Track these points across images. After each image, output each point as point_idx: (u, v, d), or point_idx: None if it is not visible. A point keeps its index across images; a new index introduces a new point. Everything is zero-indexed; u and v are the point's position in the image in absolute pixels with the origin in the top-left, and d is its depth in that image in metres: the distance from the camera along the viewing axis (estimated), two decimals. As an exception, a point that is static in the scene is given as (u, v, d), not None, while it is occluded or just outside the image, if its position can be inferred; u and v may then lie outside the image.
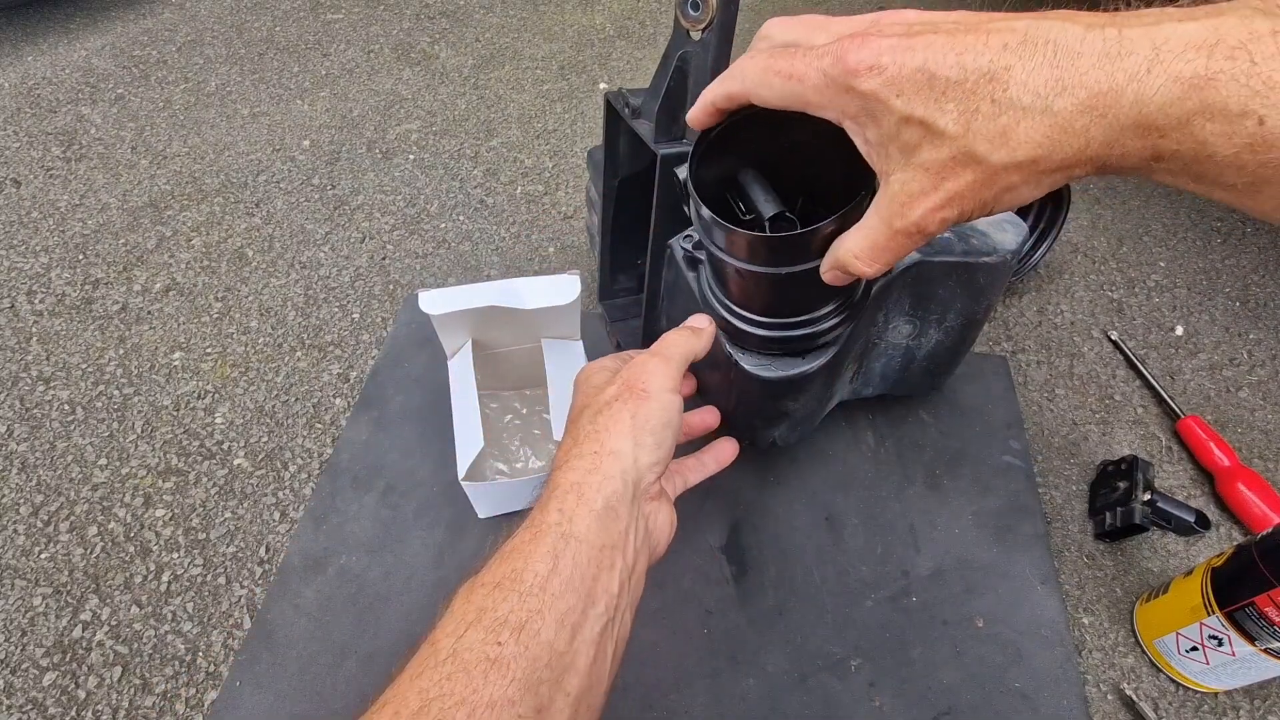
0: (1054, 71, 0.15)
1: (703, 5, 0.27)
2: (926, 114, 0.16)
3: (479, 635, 0.17)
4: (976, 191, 0.17)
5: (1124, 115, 0.14)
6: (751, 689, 0.33)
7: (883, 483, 0.41)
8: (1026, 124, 0.15)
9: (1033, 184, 0.16)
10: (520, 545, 0.19)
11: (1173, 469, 0.43)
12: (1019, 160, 0.16)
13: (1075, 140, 0.15)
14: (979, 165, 0.16)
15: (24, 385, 0.47)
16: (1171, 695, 0.34)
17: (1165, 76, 0.14)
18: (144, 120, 0.72)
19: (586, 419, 0.23)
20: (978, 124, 0.16)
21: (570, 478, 0.21)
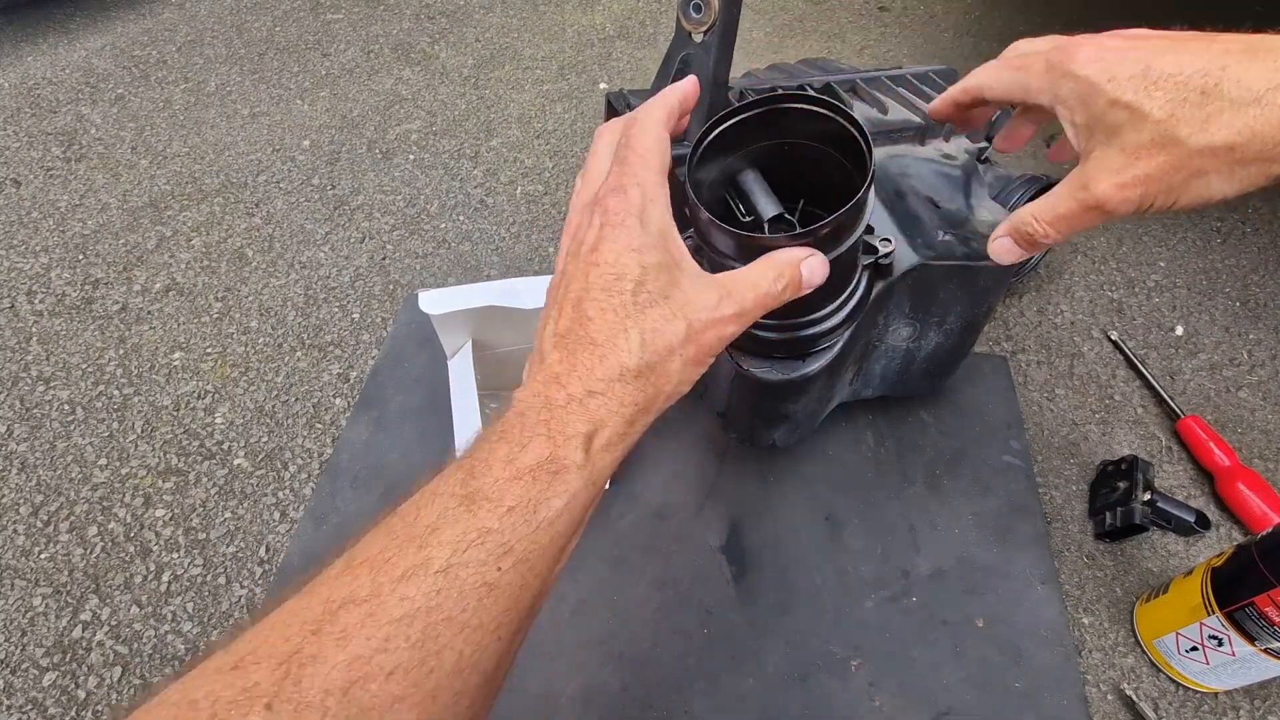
0: (1271, 75, 0.17)
1: (705, 8, 0.27)
2: (1135, 99, 0.18)
3: (479, 556, 0.15)
4: (1167, 174, 0.18)
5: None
6: (751, 689, 0.33)
7: (883, 483, 0.41)
8: (1230, 113, 0.17)
9: (1225, 174, 0.18)
10: (539, 471, 0.16)
11: (1173, 469, 0.43)
12: (1215, 144, 0.17)
13: (1277, 134, 0.17)
14: (1175, 148, 0.18)
15: (24, 385, 0.47)
16: (1171, 695, 0.34)
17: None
18: (144, 120, 0.72)
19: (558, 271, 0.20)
20: (1183, 111, 0.18)
21: (537, 379, 0.18)
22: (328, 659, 0.14)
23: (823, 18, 0.90)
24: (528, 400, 0.18)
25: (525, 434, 0.17)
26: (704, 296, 0.19)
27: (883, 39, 0.86)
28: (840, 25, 0.89)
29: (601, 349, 0.18)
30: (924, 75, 0.39)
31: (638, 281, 0.18)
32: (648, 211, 0.19)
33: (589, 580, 0.36)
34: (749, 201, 0.25)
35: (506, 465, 0.16)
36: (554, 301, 0.19)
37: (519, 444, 0.17)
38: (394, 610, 0.14)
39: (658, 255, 0.19)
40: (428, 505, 0.16)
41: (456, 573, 0.15)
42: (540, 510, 0.16)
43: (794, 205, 0.26)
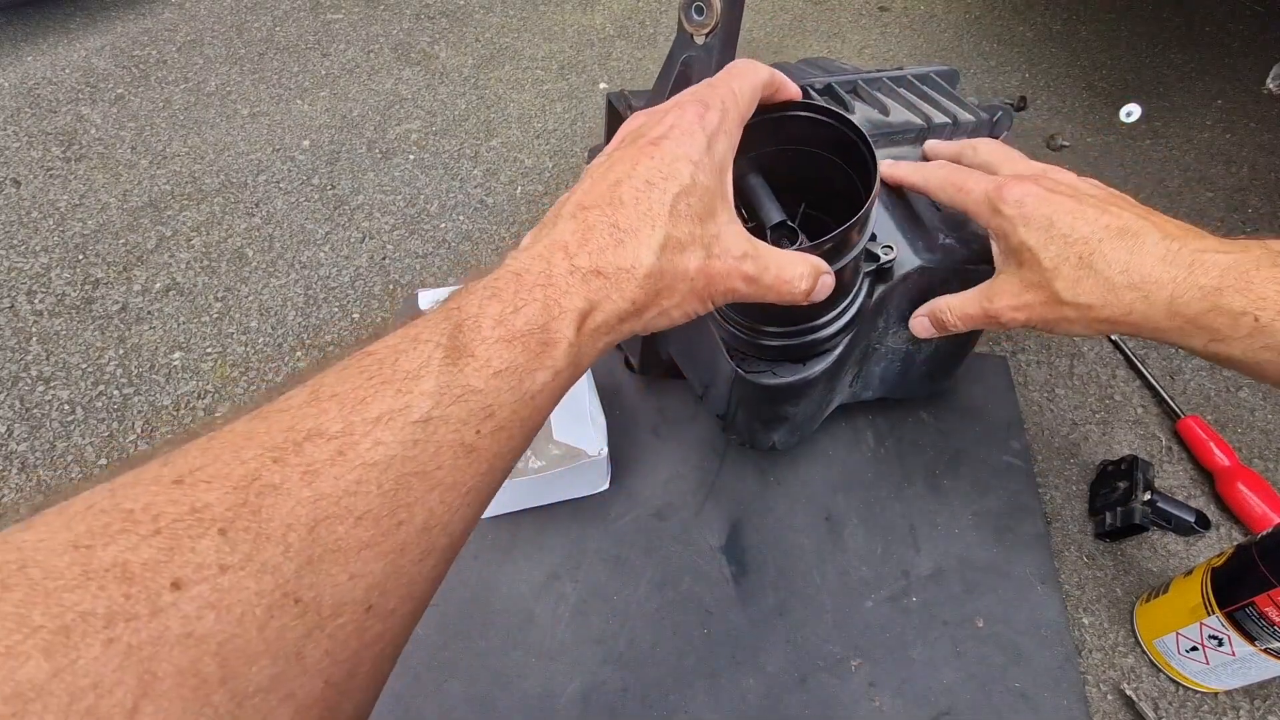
0: (1128, 257, 0.23)
1: (707, 9, 0.27)
2: (1036, 246, 0.25)
3: (460, 414, 0.15)
4: (1043, 310, 0.25)
5: (1160, 302, 0.22)
6: (751, 689, 0.33)
7: (883, 483, 0.41)
8: (1092, 282, 0.23)
9: (1083, 324, 0.25)
10: (529, 339, 0.16)
11: (1173, 469, 0.43)
12: (1079, 303, 0.24)
13: (1122, 306, 0.23)
14: (1052, 295, 0.24)
15: (24, 385, 0.47)
16: (1171, 695, 0.34)
17: (1193, 286, 0.22)
18: (144, 120, 0.72)
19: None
20: (1064, 268, 0.24)
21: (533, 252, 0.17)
22: (291, 492, 0.12)
23: (823, 18, 0.90)
24: (526, 263, 0.17)
25: (520, 296, 0.16)
26: (734, 241, 0.19)
27: (883, 39, 0.86)
28: (840, 25, 0.89)
29: (622, 234, 0.17)
30: (925, 76, 0.39)
31: (684, 189, 0.17)
32: (717, 139, 0.19)
33: (589, 580, 0.36)
34: (752, 206, 0.25)
35: (497, 325, 0.15)
36: (589, 176, 0.18)
37: (512, 305, 0.16)
38: (366, 453, 0.13)
39: (711, 179, 0.18)
40: (409, 350, 0.15)
41: (436, 427, 0.14)
42: (526, 381, 0.15)
43: (796, 209, 0.26)
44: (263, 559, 0.11)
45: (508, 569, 0.37)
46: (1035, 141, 0.69)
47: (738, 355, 0.29)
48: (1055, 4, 0.92)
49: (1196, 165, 0.66)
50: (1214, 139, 0.69)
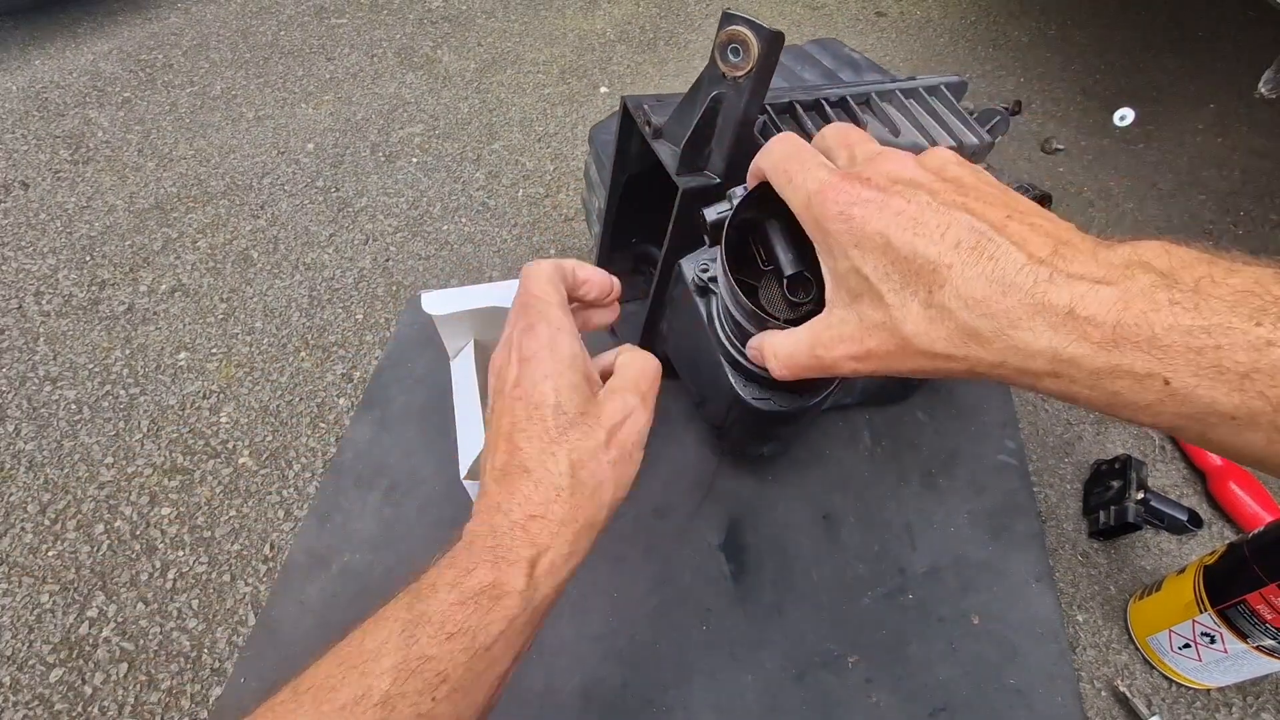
0: (986, 289, 0.16)
1: (744, 53, 0.26)
2: (873, 275, 0.17)
3: (417, 686, 0.17)
4: (891, 358, 0.18)
5: (1040, 353, 0.15)
6: (750, 685, 0.33)
7: (879, 482, 0.41)
8: (949, 325, 0.16)
9: (941, 373, 0.18)
10: (481, 597, 0.18)
11: (1166, 468, 0.44)
12: (935, 351, 0.17)
13: (992, 355, 0.16)
14: (901, 340, 0.17)
15: (31, 385, 0.48)
16: (1164, 692, 0.34)
17: (1078, 334, 0.15)
18: (150, 124, 0.73)
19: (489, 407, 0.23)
20: (912, 306, 0.17)
21: (487, 510, 0.20)
22: None
23: (820, 23, 0.91)
24: (475, 529, 0.19)
25: (471, 560, 0.18)
26: (613, 402, 0.21)
27: (879, 44, 0.87)
28: (838, 30, 0.89)
29: (534, 475, 0.19)
30: (935, 88, 0.39)
31: (555, 406, 0.20)
32: (556, 341, 0.21)
33: (589, 578, 0.36)
34: (771, 250, 0.25)
35: (451, 589, 0.18)
36: (490, 438, 0.21)
37: (465, 569, 0.18)
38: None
39: (570, 377, 0.21)
40: (374, 631, 0.18)
41: (395, 704, 0.16)
42: (480, 636, 0.17)
43: (810, 257, 0.26)
44: None
45: (509, 566, 0.37)
46: (1030, 145, 0.70)
47: (739, 379, 0.29)
48: (1050, 9, 0.93)
49: (1189, 169, 0.67)
50: (1206, 143, 0.70)
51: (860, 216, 0.17)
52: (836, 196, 0.18)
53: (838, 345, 0.19)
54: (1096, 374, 0.15)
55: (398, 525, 0.39)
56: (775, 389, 0.29)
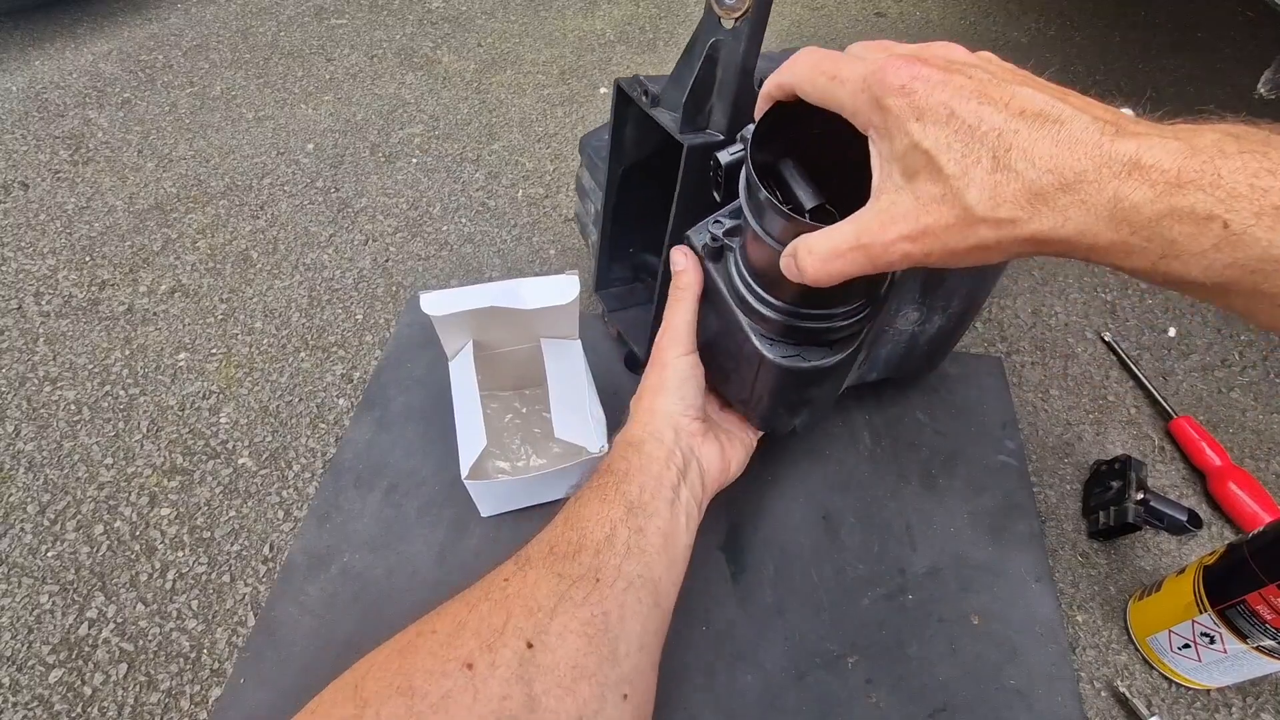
0: (1053, 149, 0.16)
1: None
2: (935, 148, 0.17)
3: (592, 494, 0.27)
4: (950, 235, 0.18)
5: (1102, 206, 0.16)
6: (749, 686, 0.33)
7: (879, 482, 0.41)
8: (1015, 186, 0.16)
9: (1001, 247, 0.17)
10: (606, 459, 0.30)
11: (1165, 468, 0.44)
12: (999, 218, 0.17)
13: (1054, 216, 0.16)
14: (962, 210, 0.17)
15: (31, 385, 0.48)
16: (1164, 692, 0.34)
17: (1142, 180, 0.15)
18: (150, 124, 0.73)
19: (633, 402, 0.33)
20: (975, 173, 0.17)
21: (628, 430, 0.31)
22: None
23: (820, 24, 0.91)
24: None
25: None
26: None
27: (880, 45, 0.87)
28: (838, 31, 0.90)
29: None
30: None
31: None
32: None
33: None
34: (788, 190, 0.25)
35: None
36: None
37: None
38: (558, 514, 0.28)
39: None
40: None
41: (582, 497, 0.28)
42: (615, 467, 0.30)
43: (828, 194, 0.25)
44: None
45: (509, 567, 0.37)
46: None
47: (764, 341, 0.28)
48: (1049, 9, 0.93)
49: (1189, 169, 0.67)
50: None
51: (923, 90, 0.17)
52: (898, 72, 0.18)
53: (889, 227, 0.18)
54: (1155, 220, 0.15)
55: (398, 526, 0.39)
56: (803, 343, 0.28)
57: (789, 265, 0.22)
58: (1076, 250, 0.17)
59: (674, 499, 0.28)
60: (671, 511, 0.27)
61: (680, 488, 0.28)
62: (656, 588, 0.25)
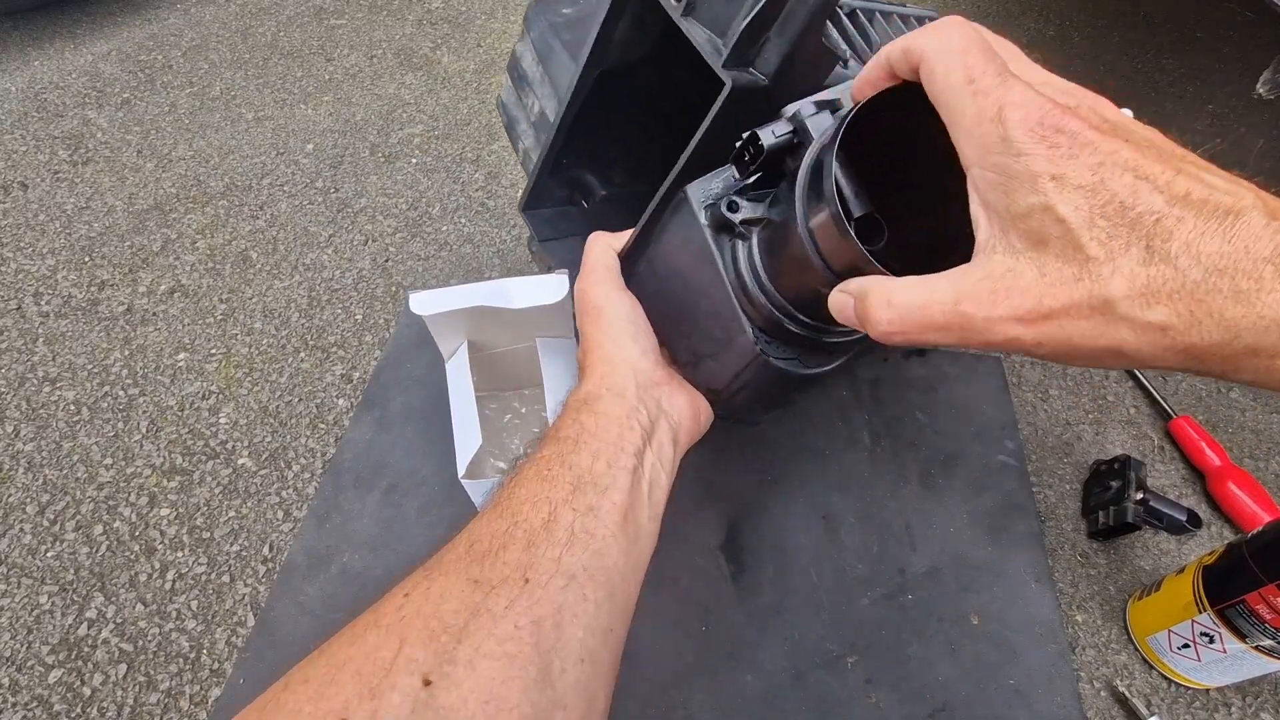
0: (1225, 246, 0.13)
1: None
2: (1074, 219, 0.13)
3: (531, 468, 0.22)
4: (1079, 328, 0.14)
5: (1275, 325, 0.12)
6: (749, 685, 0.33)
7: (879, 482, 0.41)
8: (1174, 286, 0.13)
9: (1146, 356, 0.14)
10: (555, 423, 0.24)
11: (1165, 468, 0.44)
12: (1149, 320, 0.13)
13: (1221, 329, 0.13)
14: (1103, 304, 0.13)
15: (30, 386, 0.48)
16: (1164, 692, 0.34)
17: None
18: (149, 124, 0.73)
19: (579, 353, 0.28)
20: (1124, 261, 0.13)
21: (580, 387, 0.25)
22: None
23: (820, 24, 0.91)
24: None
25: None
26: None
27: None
28: (837, 31, 0.89)
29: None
30: (921, 19, 0.34)
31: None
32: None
33: (589, 578, 0.36)
34: (842, 198, 0.20)
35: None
36: None
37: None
38: (489, 509, 0.22)
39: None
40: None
41: (521, 477, 0.23)
42: (560, 433, 0.24)
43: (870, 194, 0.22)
44: None
45: (508, 567, 0.37)
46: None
47: (764, 339, 0.25)
48: (1049, 9, 0.93)
49: (1189, 169, 0.67)
50: (1205, 143, 0.70)
51: (1069, 145, 0.14)
52: (1045, 114, 0.14)
53: (1001, 300, 0.14)
54: None
55: (397, 526, 0.39)
56: (804, 348, 0.25)
57: (846, 307, 0.18)
58: (1242, 368, 0.13)
59: (636, 465, 0.23)
60: (633, 480, 0.22)
61: (645, 452, 0.24)
62: (611, 577, 0.20)
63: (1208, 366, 0.14)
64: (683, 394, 0.27)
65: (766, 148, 0.20)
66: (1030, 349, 0.15)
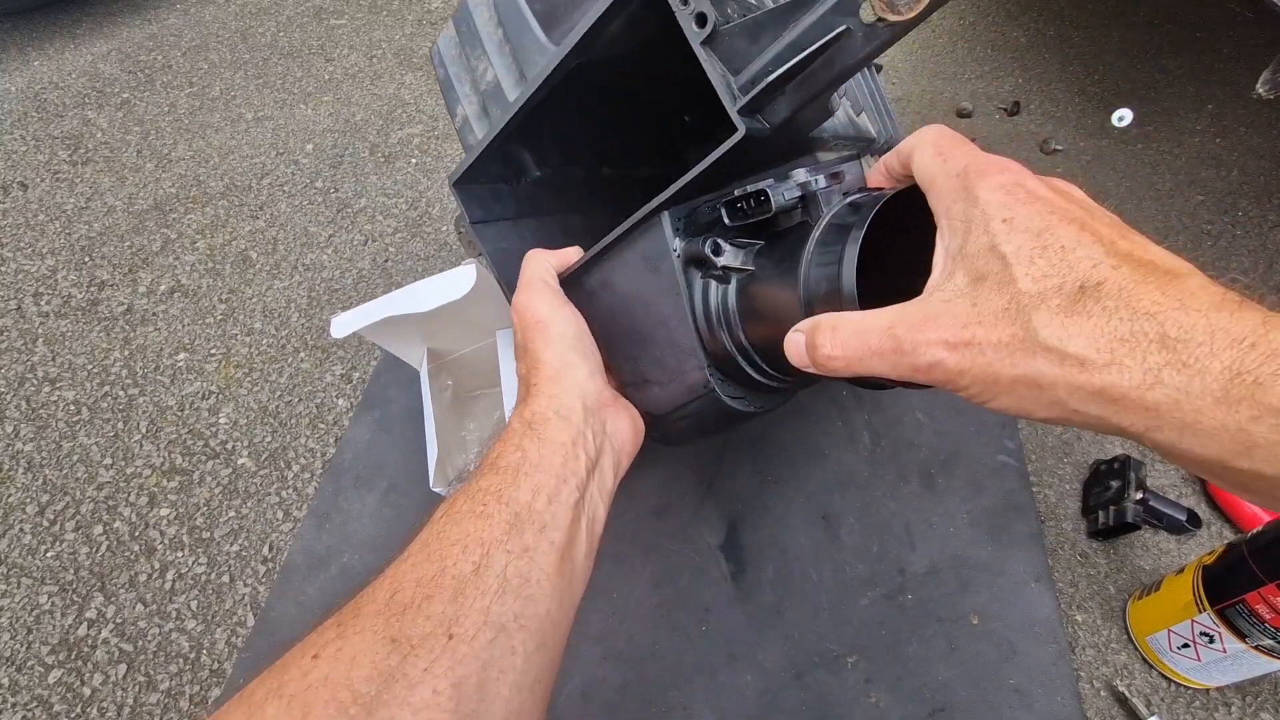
0: (1159, 296, 0.13)
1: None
2: (1014, 256, 0.14)
3: (465, 502, 0.20)
4: (998, 354, 0.14)
5: (1214, 375, 0.12)
6: (749, 685, 0.33)
7: (879, 482, 0.41)
8: (1096, 323, 0.13)
9: (1059, 394, 0.14)
10: (494, 449, 0.22)
11: (1165, 468, 0.44)
12: (1066, 351, 0.13)
13: (1141, 372, 0.12)
14: (1024, 330, 0.14)
15: (30, 386, 0.48)
16: (1164, 691, 0.34)
17: (1272, 357, 0.11)
18: (149, 124, 0.73)
19: (520, 366, 0.26)
20: (1053, 297, 0.14)
21: (524, 407, 0.24)
22: None
23: (820, 24, 0.91)
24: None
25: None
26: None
27: (879, 45, 0.87)
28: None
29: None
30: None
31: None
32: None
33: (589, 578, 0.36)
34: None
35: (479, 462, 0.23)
36: None
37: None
38: (414, 548, 0.20)
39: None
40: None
41: (453, 515, 0.21)
42: (500, 463, 0.22)
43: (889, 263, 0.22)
44: None
45: (508, 567, 0.37)
46: (1029, 146, 0.70)
47: (717, 377, 0.25)
48: (1049, 10, 0.93)
49: (1187, 169, 0.67)
50: (1204, 143, 0.70)
51: (1025, 197, 0.15)
52: (1006, 171, 0.16)
53: (931, 326, 0.15)
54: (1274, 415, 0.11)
55: (397, 526, 0.39)
56: (754, 389, 0.26)
57: (798, 345, 0.19)
58: (1162, 425, 0.12)
59: (579, 500, 0.22)
60: (573, 516, 0.21)
61: (589, 483, 0.22)
62: (543, 624, 0.19)
63: (1128, 417, 0.13)
64: (626, 416, 0.26)
65: (775, 210, 0.21)
66: (954, 378, 0.15)
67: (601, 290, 0.27)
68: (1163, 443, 0.13)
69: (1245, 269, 0.58)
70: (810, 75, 0.22)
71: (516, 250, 0.30)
